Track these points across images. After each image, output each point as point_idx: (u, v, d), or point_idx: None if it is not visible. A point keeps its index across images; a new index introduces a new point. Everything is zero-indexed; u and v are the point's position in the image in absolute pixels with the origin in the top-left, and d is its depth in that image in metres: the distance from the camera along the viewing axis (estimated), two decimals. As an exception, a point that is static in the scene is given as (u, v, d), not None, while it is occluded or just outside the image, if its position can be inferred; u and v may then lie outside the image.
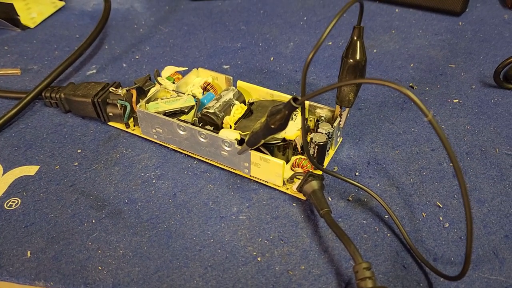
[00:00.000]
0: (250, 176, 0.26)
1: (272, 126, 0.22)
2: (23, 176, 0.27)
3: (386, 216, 0.24)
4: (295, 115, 0.27)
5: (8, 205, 0.25)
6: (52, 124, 0.31)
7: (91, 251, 0.22)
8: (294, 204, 0.25)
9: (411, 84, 0.34)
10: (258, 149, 0.25)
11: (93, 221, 0.24)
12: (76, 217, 0.24)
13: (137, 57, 0.37)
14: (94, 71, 0.36)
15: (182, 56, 0.37)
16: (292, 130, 0.26)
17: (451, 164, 0.27)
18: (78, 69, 0.36)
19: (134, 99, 0.30)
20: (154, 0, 0.47)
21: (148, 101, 0.29)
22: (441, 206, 0.25)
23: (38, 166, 0.27)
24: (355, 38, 0.25)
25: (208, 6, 0.45)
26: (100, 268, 0.22)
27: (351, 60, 0.25)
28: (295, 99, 0.21)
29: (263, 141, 0.24)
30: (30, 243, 0.23)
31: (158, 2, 0.46)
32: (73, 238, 0.23)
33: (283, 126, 0.23)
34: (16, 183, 0.26)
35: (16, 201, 0.25)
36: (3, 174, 0.27)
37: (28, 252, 0.22)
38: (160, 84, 0.30)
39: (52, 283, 0.21)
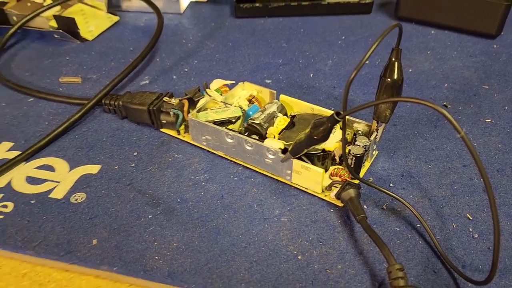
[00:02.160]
0: (291, 182, 0.28)
1: (315, 137, 0.25)
2: (86, 174, 0.30)
3: (418, 225, 0.26)
4: (334, 128, 0.29)
5: (74, 199, 0.28)
6: (111, 129, 0.34)
7: (148, 242, 0.25)
8: (332, 210, 0.27)
9: (445, 103, 0.36)
10: (299, 158, 0.28)
11: (150, 216, 0.27)
12: (134, 212, 0.27)
13: (186, 70, 0.40)
14: (147, 81, 0.39)
15: (227, 70, 0.40)
16: (332, 142, 0.28)
17: (481, 179, 0.28)
18: (133, 79, 0.39)
19: (185, 108, 0.32)
20: (201, 17, 0.50)
21: (198, 111, 0.31)
22: (471, 218, 0.26)
23: (100, 166, 0.30)
24: (393, 59, 0.27)
25: (251, 24, 0.48)
26: (156, 257, 0.24)
27: (389, 80, 0.27)
28: (337, 113, 0.24)
29: (305, 150, 0.26)
30: (94, 233, 0.26)
31: (204, 19, 0.49)
32: (132, 231, 0.26)
33: (325, 137, 0.25)
34: (81, 179, 0.29)
35: (82, 196, 0.28)
36: (69, 171, 0.30)
37: (94, 241, 0.25)
38: (210, 95, 0.33)
39: (115, 268, 0.24)
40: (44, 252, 0.25)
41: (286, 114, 0.32)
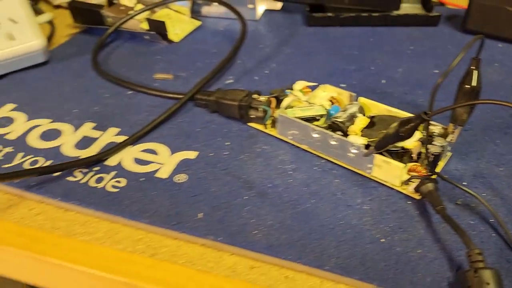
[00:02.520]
0: (371, 175, 0.31)
1: (401, 134, 0.28)
2: (185, 158, 0.34)
3: (491, 220, 0.28)
4: (412, 129, 0.32)
5: (177, 179, 0.32)
6: (203, 121, 0.38)
7: (246, 219, 0.29)
8: (409, 202, 0.30)
9: (514, 113, 0.38)
10: (381, 153, 0.30)
11: (245, 197, 0.30)
12: (231, 193, 0.31)
13: (266, 72, 0.44)
14: (232, 81, 0.43)
15: (304, 74, 0.44)
16: (411, 141, 0.31)
17: (552, 183, 0.30)
18: (218, 79, 0.43)
19: (273, 105, 0.36)
20: (275, 24, 0.54)
21: (286, 108, 0.35)
22: (542, 217, 0.28)
23: (197, 152, 0.34)
24: (473, 67, 0.29)
25: (323, 32, 0.51)
26: (255, 232, 0.28)
27: (467, 86, 0.30)
28: (425, 113, 0.26)
29: (389, 146, 0.29)
30: (198, 209, 0.29)
31: (278, 26, 0.53)
32: (231, 208, 0.29)
33: (410, 135, 0.28)
34: (181, 163, 0.33)
35: (184, 177, 0.32)
36: (170, 155, 0.34)
37: (200, 214, 0.29)
38: (295, 95, 0.36)
39: (220, 238, 0.27)
40: (156, 221, 0.29)
41: (364, 115, 0.35)
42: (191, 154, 0.34)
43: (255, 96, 0.37)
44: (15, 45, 0.42)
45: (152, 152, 0.34)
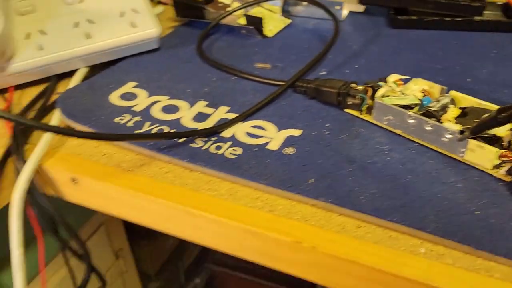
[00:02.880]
0: (463, 159, 0.35)
1: (500, 120, 0.31)
2: (291, 135, 0.38)
3: None
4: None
5: (286, 152, 0.36)
6: (303, 105, 0.42)
7: (351, 187, 0.32)
8: (501, 184, 0.33)
9: None
10: (474, 138, 0.34)
11: (348, 170, 0.34)
12: (335, 165, 0.35)
13: (356, 66, 0.48)
14: (325, 73, 0.47)
15: (392, 70, 0.47)
16: (502, 129, 0.34)
17: None
18: (313, 70, 0.47)
19: (369, 94, 0.40)
20: (359, 25, 0.57)
21: (382, 97, 0.39)
22: None
23: (301, 130, 0.39)
24: None
25: (406, 34, 0.54)
26: (361, 197, 0.32)
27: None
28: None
29: (484, 131, 0.32)
30: (308, 176, 0.34)
31: (362, 27, 0.57)
32: (337, 178, 0.33)
33: (507, 122, 0.31)
34: (288, 139, 0.38)
35: (291, 150, 0.36)
36: (277, 131, 0.39)
37: (311, 180, 0.33)
38: (390, 86, 0.40)
39: (330, 200, 0.31)
40: (273, 183, 0.33)
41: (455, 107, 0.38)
42: (296, 132, 0.38)
43: (353, 85, 0.41)
44: (137, 32, 0.48)
45: (261, 128, 0.39)
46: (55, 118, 0.41)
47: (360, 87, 0.40)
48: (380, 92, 0.40)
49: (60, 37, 0.46)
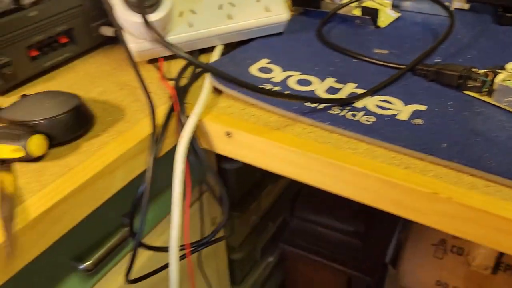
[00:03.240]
0: None
1: None
2: (417, 109, 0.43)
3: None
4: None
5: (415, 122, 0.41)
6: (423, 86, 0.47)
7: (480, 152, 0.37)
8: None
9: None
10: None
11: (475, 139, 0.39)
12: (462, 136, 0.39)
13: (469, 56, 0.52)
14: (439, 60, 0.51)
15: (504, 62, 0.51)
16: None
17: None
18: (429, 58, 0.52)
19: (490, 78, 0.44)
20: (465, 21, 0.61)
21: (503, 80, 0.43)
22: None
23: (426, 106, 0.43)
24: None
25: (514, 31, 0.58)
26: (490, 161, 0.36)
27: None
28: None
29: None
30: (439, 142, 0.38)
31: (469, 23, 0.61)
32: (466, 144, 0.38)
33: None
34: (415, 112, 0.43)
35: (420, 121, 0.41)
36: (404, 106, 0.44)
37: (444, 144, 0.38)
38: (509, 72, 0.44)
39: (462, 161, 0.36)
40: (408, 145, 0.38)
41: None
42: (421, 107, 0.43)
43: (474, 69, 0.45)
44: (270, 16, 0.55)
45: (388, 102, 0.44)
46: (207, 82, 0.48)
47: (481, 71, 0.45)
48: (500, 77, 0.44)
49: (207, 16, 0.53)
